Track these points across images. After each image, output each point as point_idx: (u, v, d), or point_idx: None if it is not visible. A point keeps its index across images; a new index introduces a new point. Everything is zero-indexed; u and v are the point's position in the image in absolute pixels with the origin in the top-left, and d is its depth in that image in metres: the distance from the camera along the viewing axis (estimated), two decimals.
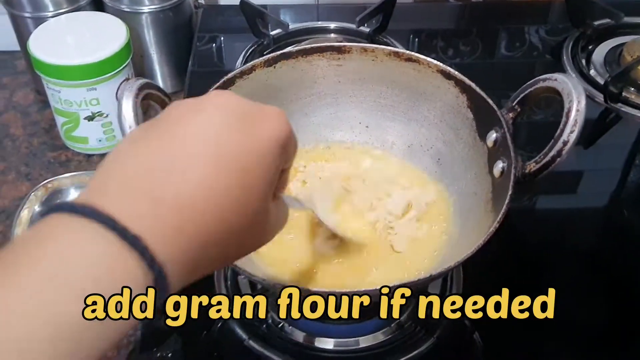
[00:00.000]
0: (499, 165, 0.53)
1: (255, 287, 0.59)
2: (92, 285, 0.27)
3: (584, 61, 0.88)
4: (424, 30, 0.99)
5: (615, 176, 0.78)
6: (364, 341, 0.57)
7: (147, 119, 0.56)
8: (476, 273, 0.61)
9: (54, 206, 0.30)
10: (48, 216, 0.29)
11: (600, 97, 0.81)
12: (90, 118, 0.78)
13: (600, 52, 0.90)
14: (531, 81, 0.53)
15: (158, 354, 0.55)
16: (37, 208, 0.73)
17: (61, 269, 0.27)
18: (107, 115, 0.79)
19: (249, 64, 0.59)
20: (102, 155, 0.82)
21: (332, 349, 0.57)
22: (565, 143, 0.49)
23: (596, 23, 0.91)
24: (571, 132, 0.48)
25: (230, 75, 0.58)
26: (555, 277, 0.65)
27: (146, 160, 0.32)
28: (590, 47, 0.91)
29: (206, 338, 0.57)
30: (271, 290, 0.54)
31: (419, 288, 0.58)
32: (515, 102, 0.54)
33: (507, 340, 0.58)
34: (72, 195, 0.75)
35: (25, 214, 0.71)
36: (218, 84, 0.57)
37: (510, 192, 0.50)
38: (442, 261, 0.54)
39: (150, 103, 0.51)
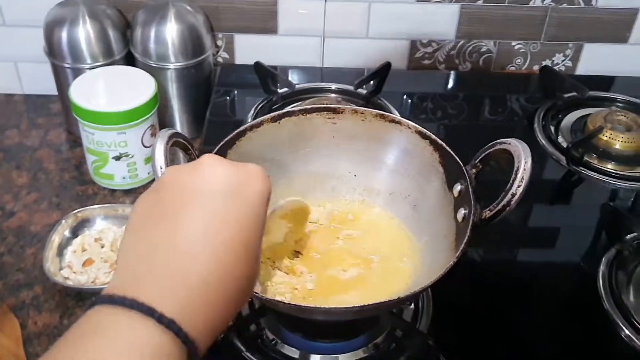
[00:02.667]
0: (462, 212, 0.63)
1: (253, 306, 0.69)
2: None
3: (552, 128, 0.99)
4: (416, 93, 1.10)
5: (588, 232, 0.87)
6: (346, 358, 0.67)
7: (174, 160, 0.67)
8: (447, 313, 0.71)
9: (96, 300, 0.36)
10: (91, 310, 0.36)
11: (564, 160, 0.92)
12: (117, 158, 0.89)
13: (568, 121, 1.01)
14: (490, 143, 0.64)
15: None
16: (66, 234, 0.83)
17: (109, 354, 0.33)
18: (132, 156, 0.90)
19: (258, 120, 0.70)
20: (125, 191, 0.92)
21: None
22: (513, 195, 0.59)
23: (565, 95, 1.03)
24: (518, 186, 0.59)
25: (241, 128, 0.69)
26: (523, 319, 0.74)
27: (159, 249, 0.38)
28: (560, 116, 1.02)
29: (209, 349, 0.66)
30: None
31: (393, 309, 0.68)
32: (477, 160, 0.65)
33: None
34: (98, 224, 0.85)
35: (55, 239, 0.82)
36: (231, 135, 0.67)
37: (468, 234, 0.60)
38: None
39: (176, 149, 0.62)
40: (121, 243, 0.40)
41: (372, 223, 0.72)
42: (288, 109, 0.73)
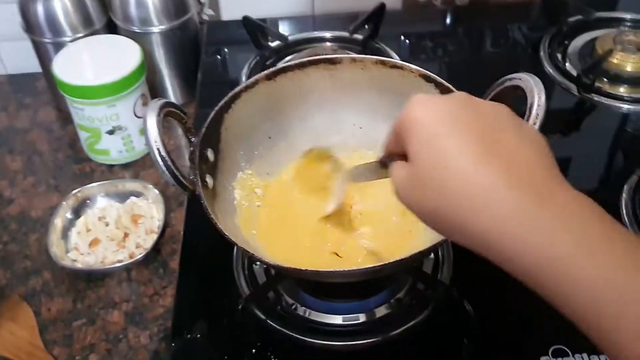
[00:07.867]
0: None
1: (270, 274, 0.67)
2: None
3: (559, 55, 0.95)
4: (413, 33, 1.05)
5: (601, 160, 0.84)
6: (368, 316, 0.65)
7: (169, 128, 0.64)
8: (468, 261, 0.68)
9: None
10: None
11: (575, 88, 0.88)
12: (111, 132, 0.86)
13: (575, 47, 0.97)
14: (499, 80, 0.61)
15: (188, 336, 0.63)
16: (68, 215, 0.81)
17: None
18: (126, 129, 0.86)
19: (252, 79, 0.66)
20: (123, 166, 0.89)
21: (340, 324, 0.65)
22: None
23: (570, 20, 0.98)
24: (534, 123, 0.55)
25: (236, 89, 0.65)
26: None
27: None
28: (566, 42, 0.98)
29: (229, 320, 0.65)
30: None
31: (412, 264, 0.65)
32: (488, 99, 0.62)
33: (496, 307, 0.66)
34: (100, 202, 0.83)
35: (58, 222, 0.79)
36: (227, 97, 0.64)
37: None
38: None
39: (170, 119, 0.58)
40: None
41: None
42: (282, 64, 0.69)
